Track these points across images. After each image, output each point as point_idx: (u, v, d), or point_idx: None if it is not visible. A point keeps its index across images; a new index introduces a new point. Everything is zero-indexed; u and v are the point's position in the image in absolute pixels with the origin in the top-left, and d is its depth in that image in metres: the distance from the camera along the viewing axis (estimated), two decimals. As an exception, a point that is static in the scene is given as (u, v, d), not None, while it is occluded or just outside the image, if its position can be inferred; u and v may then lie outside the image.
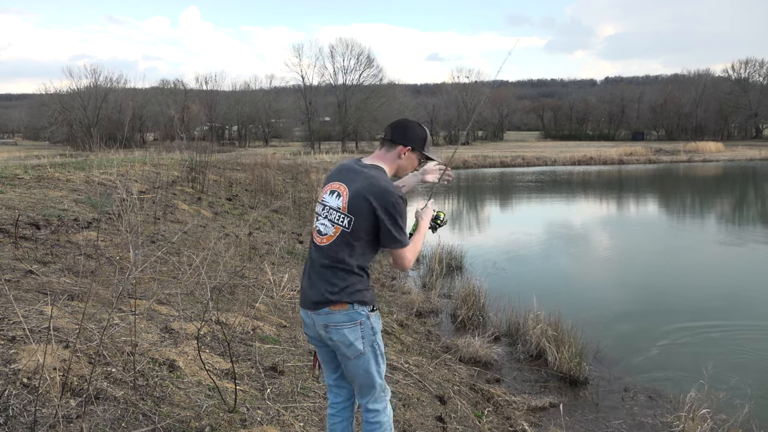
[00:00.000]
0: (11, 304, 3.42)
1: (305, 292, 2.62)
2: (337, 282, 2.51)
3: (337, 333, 2.52)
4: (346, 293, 2.50)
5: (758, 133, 75.35)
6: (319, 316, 2.55)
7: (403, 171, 2.70)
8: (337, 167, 2.68)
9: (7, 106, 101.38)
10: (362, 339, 2.52)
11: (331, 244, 2.54)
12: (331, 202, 2.57)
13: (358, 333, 2.52)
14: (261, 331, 4.64)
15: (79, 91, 63.16)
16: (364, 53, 62.53)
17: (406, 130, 2.64)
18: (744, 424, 4.60)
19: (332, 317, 2.51)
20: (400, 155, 2.63)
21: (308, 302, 2.59)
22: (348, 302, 2.50)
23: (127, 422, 2.71)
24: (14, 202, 7.14)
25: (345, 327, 2.51)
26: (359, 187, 2.50)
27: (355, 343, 2.52)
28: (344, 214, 2.50)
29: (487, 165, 39.68)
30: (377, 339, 2.57)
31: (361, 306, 2.52)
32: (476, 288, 7.82)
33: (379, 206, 2.45)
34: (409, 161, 2.67)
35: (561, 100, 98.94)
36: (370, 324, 2.54)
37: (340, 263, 2.52)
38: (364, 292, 2.54)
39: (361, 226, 2.48)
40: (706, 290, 9.14)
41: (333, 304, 2.51)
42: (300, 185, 18.72)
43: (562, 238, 14.17)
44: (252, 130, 75.48)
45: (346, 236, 2.50)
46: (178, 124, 52.25)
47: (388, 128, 2.70)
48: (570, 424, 4.76)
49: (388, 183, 2.52)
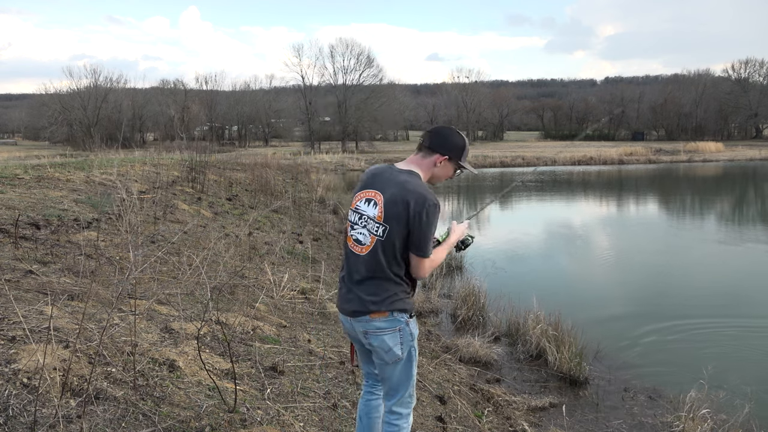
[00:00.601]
0: (11, 304, 3.42)
1: (344, 299, 2.63)
2: (378, 292, 2.53)
3: (376, 339, 2.55)
4: (387, 303, 2.52)
5: (758, 133, 75.35)
6: (359, 323, 2.57)
7: (438, 179, 2.68)
8: (370, 173, 2.65)
9: (7, 106, 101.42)
10: (401, 345, 2.56)
11: (369, 253, 2.53)
12: (368, 212, 2.55)
13: (398, 339, 2.55)
14: (261, 331, 4.64)
15: (79, 91, 63.18)
16: (364, 53, 62.58)
17: (445, 139, 2.61)
18: (744, 424, 4.60)
19: (372, 324, 2.54)
20: (436, 163, 2.61)
21: (347, 310, 2.61)
22: (387, 310, 2.52)
23: (127, 422, 2.71)
24: (14, 202, 7.14)
25: (385, 333, 2.54)
26: (395, 192, 2.48)
27: (394, 349, 2.55)
28: (380, 223, 2.50)
29: (487, 165, 39.67)
30: (414, 344, 2.61)
31: (401, 313, 2.54)
32: (476, 288, 7.82)
33: (413, 211, 2.44)
34: (445, 170, 2.64)
35: (561, 100, 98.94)
36: (409, 330, 2.57)
37: (379, 273, 2.53)
38: (404, 300, 2.56)
39: (396, 233, 2.48)
40: (707, 290, 9.14)
41: (372, 312, 2.53)
42: (300, 185, 18.73)
43: (562, 238, 14.17)
44: (252, 130, 75.50)
45: (382, 245, 2.50)
46: (178, 124, 52.27)
47: (427, 134, 2.65)
48: (570, 424, 4.76)
49: (424, 188, 2.51)
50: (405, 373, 2.62)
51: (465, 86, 76.85)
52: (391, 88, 68.12)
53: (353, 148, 57.28)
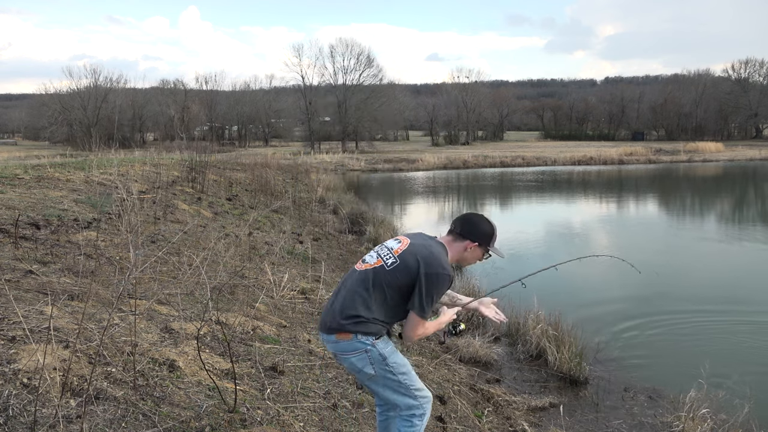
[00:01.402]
0: (11, 304, 3.42)
1: (323, 314, 2.69)
2: (352, 306, 2.55)
3: (345, 361, 2.60)
4: (352, 323, 2.54)
5: (758, 133, 75.35)
6: (329, 344, 2.62)
7: (465, 263, 2.81)
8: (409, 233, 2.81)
9: (7, 106, 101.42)
10: (371, 365, 2.57)
11: (365, 271, 2.60)
12: (389, 243, 2.70)
13: (366, 360, 2.57)
14: (261, 331, 4.64)
15: (79, 91, 63.20)
16: (364, 53, 62.60)
17: (475, 227, 2.75)
18: (744, 424, 4.60)
19: (339, 346, 2.58)
20: (466, 249, 2.73)
21: (323, 325, 2.65)
22: (351, 332, 2.54)
23: (127, 422, 2.71)
24: (14, 202, 7.14)
25: (351, 356, 2.57)
26: (419, 249, 2.59)
27: (364, 370, 2.58)
28: (394, 256, 2.59)
29: (487, 165, 39.67)
30: (389, 362, 2.60)
31: (365, 336, 2.56)
32: (476, 288, 7.82)
33: (424, 271, 2.52)
34: (474, 254, 2.77)
35: (561, 100, 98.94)
36: (377, 351, 2.57)
37: (361, 293, 2.56)
38: (369, 325, 2.56)
39: (401, 276, 2.54)
40: (707, 290, 9.13)
41: (339, 332, 2.55)
42: (300, 185, 18.73)
43: (562, 237, 14.17)
44: (252, 130, 75.51)
45: (382, 272, 2.56)
46: (178, 124, 52.28)
47: (458, 222, 2.77)
48: (570, 424, 4.76)
49: (444, 258, 2.61)
50: (393, 388, 2.62)
51: (465, 86, 76.83)
52: (391, 88, 68.14)
53: (353, 148, 57.29)
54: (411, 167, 38.59)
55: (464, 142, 70.49)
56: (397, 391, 2.64)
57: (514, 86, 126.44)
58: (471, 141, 72.07)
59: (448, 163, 39.83)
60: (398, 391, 2.64)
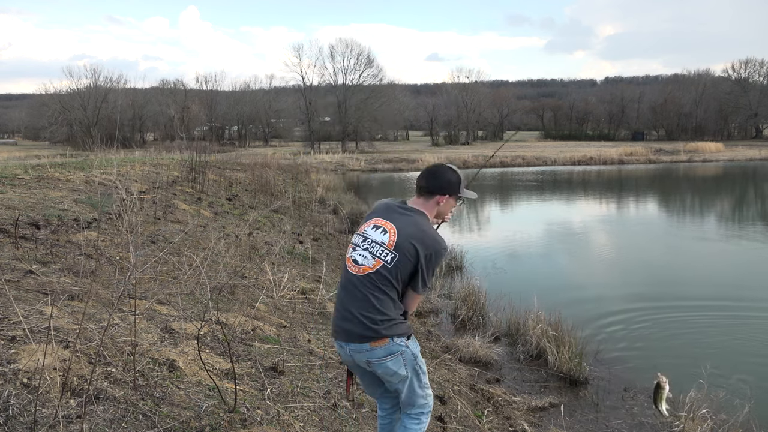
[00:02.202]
0: (11, 304, 3.42)
1: (340, 324, 2.65)
2: (377, 311, 2.55)
3: (380, 367, 2.61)
4: (384, 327, 2.56)
5: (758, 133, 75.32)
6: (360, 354, 2.61)
7: (443, 215, 2.81)
8: (382, 205, 2.76)
9: (7, 106, 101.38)
10: (404, 366, 2.62)
11: (368, 275, 2.58)
12: (374, 236, 2.63)
13: (401, 362, 2.61)
14: (261, 331, 4.64)
15: (79, 91, 63.18)
16: (363, 53, 62.57)
17: (440, 179, 2.74)
18: (744, 424, 4.60)
19: (374, 353, 2.58)
20: (438, 203, 2.74)
21: (343, 334, 2.63)
22: (387, 336, 2.57)
23: (127, 422, 2.71)
24: (14, 202, 7.14)
25: (388, 360, 2.59)
26: (410, 232, 2.58)
27: (399, 372, 2.62)
28: (389, 251, 2.56)
29: (487, 165, 39.66)
30: (418, 361, 2.68)
31: (400, 338, 2.59)
32: (476, 288, 7.81)
33: (424, 254, 2.55)
34: (447, 206, 2.77)
35: (561, 100, 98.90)
36: (410, 351, 2.63)
37: (377, 297, 2.56)
38: (401, 325, 2.61)
39: (404, 267, 2.56)
40: (707, 290, 9.13)
41: (373, 340, 2.56)
42: (300, 185, 18.72)
43: (562, 237, 14.17)
44: (252, 130, 75.49)
45: (386, 271, 2.56)
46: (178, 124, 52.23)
47: (423, 179, 2.76)
48: (570, 424, 4.76)
49: (435, 233, 2.65)
50: (415, 388, 2.68)
51: (465, 86, 76.79)
52: (391, 88, 68.11)
53: (353, 148, 57.27)
54: (411, 167, 38.56)
55: (464, 142, 70.47)
56: (420, 388, 2.70)
57: (514, 86, 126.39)
58: (471, 141, 72.07)
59: (447, 163, 39.78)
60: (421, 388, 2.70)
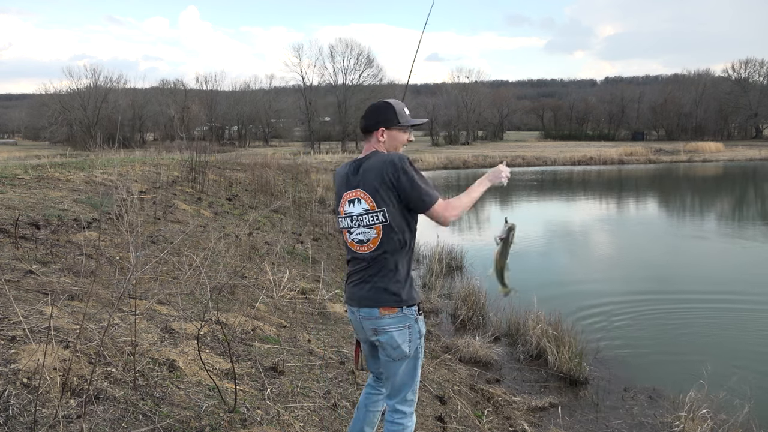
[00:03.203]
0: (11, 304, 3.42)
1: (352, 290, 2.66)
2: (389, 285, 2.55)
3: (385, 335, 2.58)
4: (395, 296, 2.55)
5: (758, 133, 75.34)
6: (368, 321, 2.59)
7: (395, 148, 2.68)
8: (341, 175, 2.69)
9: (7, 106, 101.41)
10: (409, 342, 2.59)
11: (377, 247, 2.56)
12: (356, 211, 2.58)
13: (406, 336, 2.58)
14: (261, 331, 4.64)
15: (79, 91, 63.24)
16: (363, 53, 62.71)
17: (371, 115, 2.67)
18: (744, 424, 4.60)
19: (382, 321, 2.56)
20: (379, 139, 2.65)
21: (356, 300, 2.63)
22: (398, 306, 2.55)
23: (127, 422, 2.71)
24: (14, 202, 7.13)
25: (394, 330, 2.56)
26: (372, 179, 2.53)
27: (402, 346, 2.58)
28: (376, 211, 2.53)
29: (487, 165, 39.67)
30: (421, 342, 2.65)
31: (410, 308, 2.57)
32: (476, 288, 7.81)
33: (392, 175, 2.48)
34: (392, 138, 2.66)
35: (561, 100, 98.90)
36: (417, 327, 2.60)
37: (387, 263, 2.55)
38: (411, 292, 2.59)
39: (395, 208, 2.52)
40: (707, 291, 9.12)
41: (384, 306, 2.55)
42: (300, 185, 18.71)
43: (562, 237, 14.17)
44: (252, 130, 75.52)
45: (389, 228, 2.53)
46: (178, 124, 52.20)
47: (361, 121, 2.71)
48: (570, 424, 4.76)
49: (386, 154, 2.57)
50: (410, 372, 2.64)
51: (465, 86, 76.80)
52: (391, 88, 68.04)
53: (353, 148, 57.28)
54: (411, 167, 38.55)
55: (464, 142, 70.48)
56: (412, 379, 2.65)
57: (514, 86, 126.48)
58: (471, 141, 72.07)
59: (448, 163, 39.84)
60: (413, 379, 2.65)
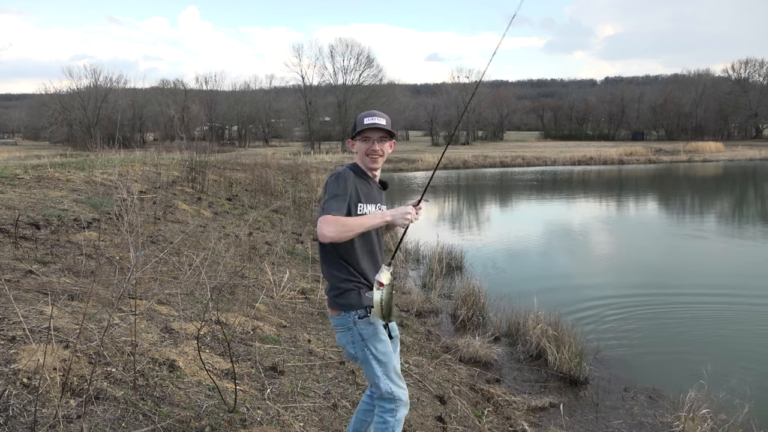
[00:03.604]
0: (11, 304, 3.42)
1: None
2: (331, 285, 2.68)
3: (336, 335, 2.72)
4: (337, 297, 2.64)
5: (758, 133, 75.33)
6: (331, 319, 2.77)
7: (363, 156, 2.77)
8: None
9: (7, 106, 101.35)
10: (352, 344, 2.65)
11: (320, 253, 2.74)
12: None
13: (349, 338, 2.64)
14: (261, 331, 4.64)
15: (79, 91, 63.19)
16: (363, 53, 62.67)
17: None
18: (744, 424, 4.60)
19: (333, 321, 2.72)
20: (353, 149, 2.83)
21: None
22: (337, 308, 2.64)
23: (127, 422, 2.71)
24: (14, 202, 7.14)
25: (338, 331, 2.69)
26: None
27: (347, 347, 2.67)
28: None
29: (487, 165, 39.68)
30: (369, 346, 2.61)
31: (348, 312, 2.62)
32: (476, 288, 7.81)
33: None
34: (359, 148, 2.78)
35: (561, 100, 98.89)
36: (357, 331, 2.62)
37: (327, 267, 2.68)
38: (349, 294, 2.61)
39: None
40: (707, 291, 9.12)
41: (331, 309, 2.68)
42: (300, 185, 18.71)
43: (562, 237, 14.17)
44: (252, 130, 75.50)
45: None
46: (178, 124, 52.17)
47: None
48: (570, 424, 4.76)
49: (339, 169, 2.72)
50: (370, 371, 2.65)
51: (465, 86, 76.73)
52: (391, 88, 68.15)
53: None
54: (411, 167, 38.55)
55: (464, 142, 70.48)
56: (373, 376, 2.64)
57: (514, 86, 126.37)
58: (471, 141, 72.06)
59: (448, 163, 39.80)
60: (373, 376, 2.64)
